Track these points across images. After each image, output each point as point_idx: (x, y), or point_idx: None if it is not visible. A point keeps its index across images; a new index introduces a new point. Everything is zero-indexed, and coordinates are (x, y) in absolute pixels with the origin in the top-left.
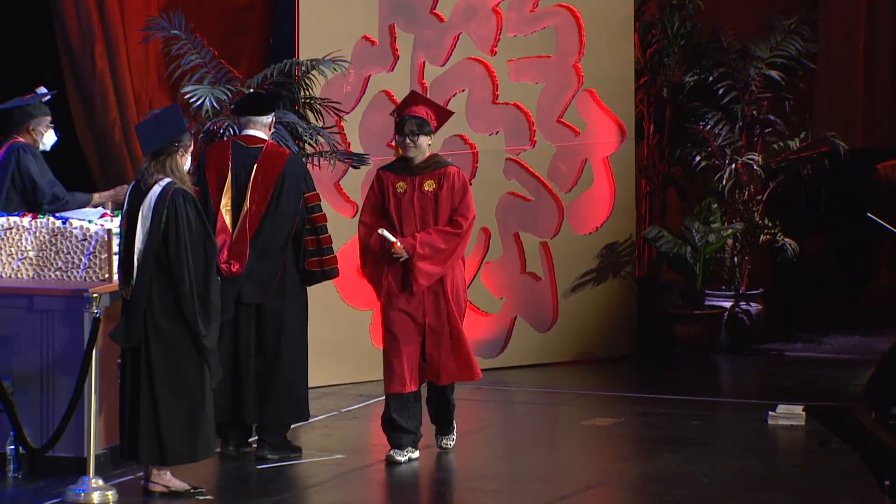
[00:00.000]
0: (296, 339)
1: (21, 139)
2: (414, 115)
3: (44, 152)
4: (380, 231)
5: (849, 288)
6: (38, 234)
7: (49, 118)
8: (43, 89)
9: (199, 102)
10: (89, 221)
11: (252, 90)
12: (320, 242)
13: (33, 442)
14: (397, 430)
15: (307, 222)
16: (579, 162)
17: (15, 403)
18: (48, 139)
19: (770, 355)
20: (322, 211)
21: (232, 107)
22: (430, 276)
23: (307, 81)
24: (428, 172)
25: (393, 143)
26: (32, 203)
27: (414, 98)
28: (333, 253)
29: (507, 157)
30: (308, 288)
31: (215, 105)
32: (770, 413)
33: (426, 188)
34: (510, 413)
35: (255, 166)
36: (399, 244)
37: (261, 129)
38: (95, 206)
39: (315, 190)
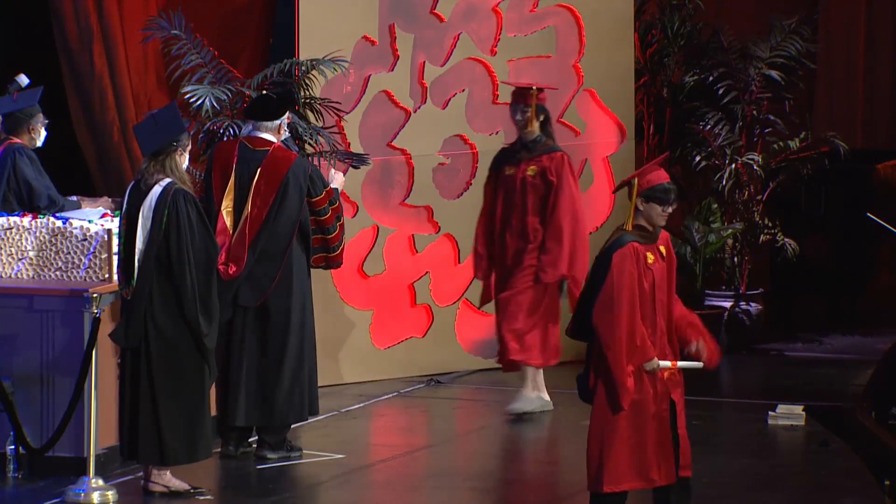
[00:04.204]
0: (301, 338)
1: (18, 141)
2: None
3: (41, 154)
4: (677, 364)
5: (849, 288)
6: (38, 234)
7: (42, 116)
8: (22, 77)
9: (199, 102)
10: (89, 221)
11: (264, 91)
12: (327, 241)
13: (33, 442)
14: None
15: (315, 224)
16: (579, 162)
17: (15, 403)
18: (43, 136)
19: (770, 355)
20: (328, 213)
21: (238, 107)
22: None
23: (307, 81)
24: (659, 237)
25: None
26: (28, 206)
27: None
28: (340, 247)
29: None
30: (310, 287)
31: (215, 105)
32: (770, 413)
33: (665, 254)
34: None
35: (259, 170)
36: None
37: (268, 132)
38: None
39: (322, 192)
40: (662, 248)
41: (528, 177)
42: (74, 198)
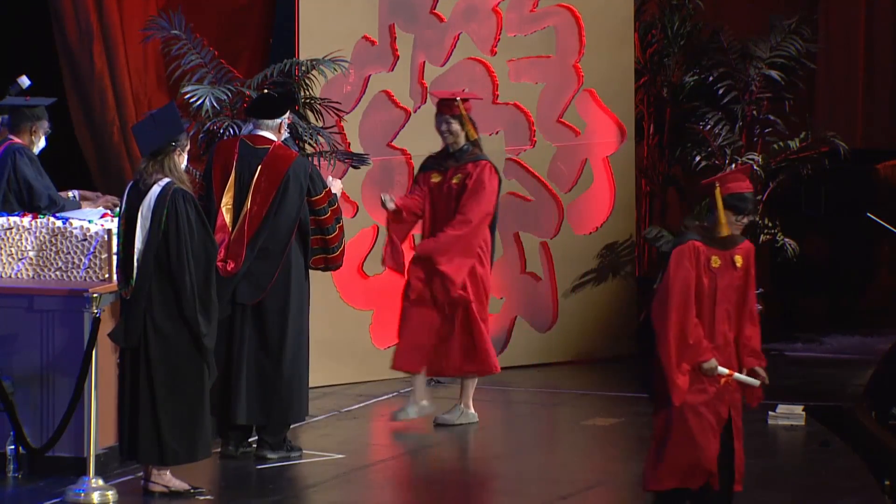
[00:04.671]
0: (297, 338)
1: (18, 141)
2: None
3: (41, 154)
4: (734, 375)
5: (849, 288)
6: (38, 234)
7: (48, 123)
8: (24, 79)
9: (199, 102)
10: (89, 221)
11: (265, 90)
12: (326, 242)
13: (33, 442)
14: None
15: (314, 224)
16: (579, 162)
17: (15, 403)
18: (41, 144)
19: (770, 355)
20: (328, 213)
21: (238, 107)
22: None
23: (307, 81)
24: (736, 246)
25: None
26: (28, 206)
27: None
28: (340, 248)
29: (507, 157)
30: (308, 287)
31: (215, 105)
32: (770, 413)
33: (741, 265)
34: (510, 413)
35: (260, 168)
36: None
37: (269, 130)
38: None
39: (322, 192)
40: (738, 258)
41: (453, 185)
42: (74, 193)
